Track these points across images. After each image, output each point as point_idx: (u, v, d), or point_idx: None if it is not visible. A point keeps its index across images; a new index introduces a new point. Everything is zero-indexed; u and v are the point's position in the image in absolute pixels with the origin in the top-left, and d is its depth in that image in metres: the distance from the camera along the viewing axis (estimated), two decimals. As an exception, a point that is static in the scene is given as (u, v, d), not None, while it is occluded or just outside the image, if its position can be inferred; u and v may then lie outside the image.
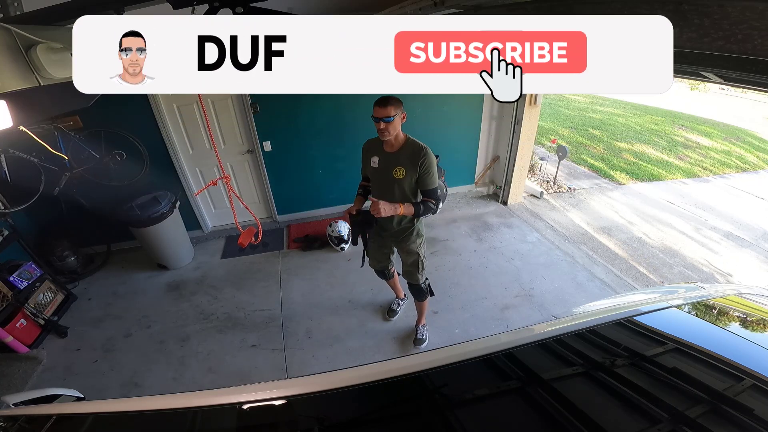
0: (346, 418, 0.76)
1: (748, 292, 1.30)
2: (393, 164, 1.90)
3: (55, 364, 2.61)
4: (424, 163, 1.86)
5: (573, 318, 1.12)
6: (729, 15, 0.44)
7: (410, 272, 2.27)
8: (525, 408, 0.77)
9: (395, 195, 1.94)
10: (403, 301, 2.85)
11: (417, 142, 1.89)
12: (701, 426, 0.68)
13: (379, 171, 1.96)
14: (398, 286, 2.75)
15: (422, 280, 2.29)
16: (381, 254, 2.32)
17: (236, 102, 3.57)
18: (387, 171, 1.92)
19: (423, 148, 1.87)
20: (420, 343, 2.57)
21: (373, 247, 2.29)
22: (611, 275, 3.28)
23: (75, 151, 3.16)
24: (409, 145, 1.89)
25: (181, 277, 3.51)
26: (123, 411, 0.88)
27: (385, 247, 2.29)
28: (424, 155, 1.85)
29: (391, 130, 1.78)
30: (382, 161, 1.93)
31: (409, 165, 1.86)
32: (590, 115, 10.59)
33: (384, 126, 1.76)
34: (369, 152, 2.00)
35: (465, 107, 4.13)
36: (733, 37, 0.45)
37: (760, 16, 0.41)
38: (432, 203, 1.94)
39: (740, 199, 5.14)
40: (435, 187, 1.92)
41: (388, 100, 1.75)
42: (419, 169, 1.86)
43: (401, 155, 1.88)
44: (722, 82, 1.16)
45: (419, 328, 2.61)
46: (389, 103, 1.74)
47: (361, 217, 2.01)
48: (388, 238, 2.19)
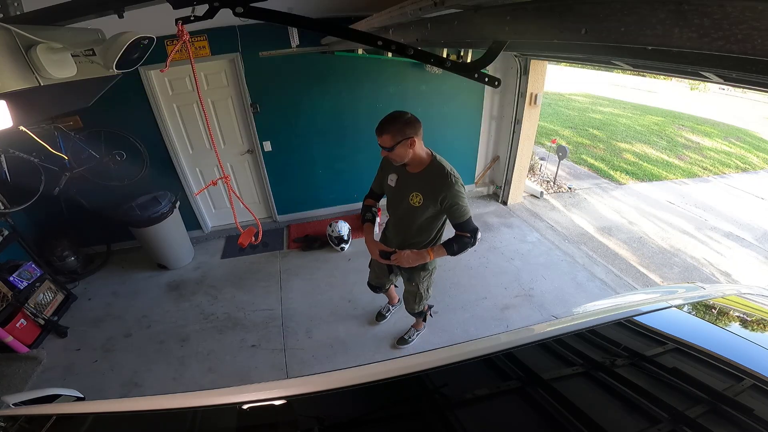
0: (346, 418, 0.76)
1: (748, 292, 1.30)
2: (410, 188, 1.63)
3: (55, 364, 2.61)
4: (449, 196, 1.55)
5: (573, 318, 1.12)
6: (729, 15, 0.44)
7: (407, 299, 2.13)
8: (525, 408, 0.77)
9: (413, 223, 1.69)
10: (394, 307, 2.78)
11: (442, 166, 1.59)
12: (701, 426, 0.68)
13: (395, 192, 1.70)
14: (393, 294, 2.67)
15: (418, 309, 2.15)
16: (383, 272, 2.12)
17: (236, 102, 3.57)
18: (403, 195, 1.66)
19: (448, 174, 1.56)
20: (403, 343, 2.54)
21: (375, 263, 2.08)
22: (611, 275, 3.27)
23: (75, 151, 3.17)
24: (432, 169, 1.59)
25: (181, 277, 3.51)
26: (123, 411, 0.88)
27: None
28: (448, 186, 1.54)
29: (397, 158, 1.53)
30: (401, 181, 1.67)
31: (429, 193, 1.59)
32: (591, 115, 10.58)
33: (385, 154, 1.53)
34: (388, 166, 1.72)
35: (465, 107, 4.13)
36: (733, 37, 0.44)
37: (760, 16, 0.41)
38: (468, 237, 1.62)
39: (740, 199, 5.14)
40: (467, 218, 1.61)
41: (383, 127, 1.48)
42: (442, 202, 1.58)
43: (421, 179, 1.61)
44: (722, 82, 1.16)
45: (411, 330, 2.59)
46: (384, 130, 1.47)
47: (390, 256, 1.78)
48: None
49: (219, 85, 3.45)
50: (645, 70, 1.75)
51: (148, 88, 3.22)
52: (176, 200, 3.47)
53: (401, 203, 1.69)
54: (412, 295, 2.06)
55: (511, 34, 0.90)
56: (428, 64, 1.59)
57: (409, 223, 1.72)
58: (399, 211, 1.73)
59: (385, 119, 1.50)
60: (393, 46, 0.94)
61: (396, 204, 1.74)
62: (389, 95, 3.78)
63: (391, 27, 1.66)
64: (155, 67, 3.11)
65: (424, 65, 3.60)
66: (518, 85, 3.87)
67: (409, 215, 1.69)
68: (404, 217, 1.72)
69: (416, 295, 2.04)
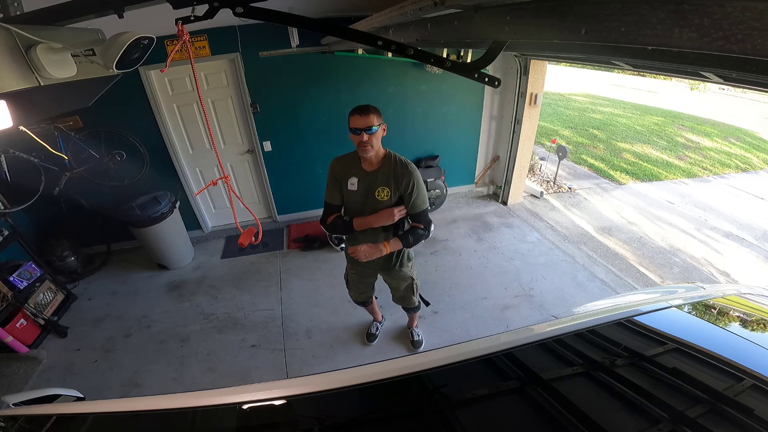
0: (346, 418, 0.76)
1: (748, 292, 1.30)
2: (374, 184, 1.64)
3: (55, 364, 2.61)
4: (411, 183, 1.60)
5: (573, 318, 1.12)
6: (729, 15, 0.44)
7: (405, 297, 2.11)
8: (525, 408, 0.77)
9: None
10: (381, 323, 2.70)
11: (399, 157, 1.65)
12: (701, 426, 0.68)
13: (358, 194, 1.68)
14: (377, 310, 2.59)
15: (416, 301, 2.17)
16: (365, 285, 2.13)
17: (236, 102, 3.57)
18: (368, 193, 1.65)
19: (407, 164, 1.63)
20: (419, 345, 2.56)
21: (354, 279, 2.08)
22: (611, 275, 3.27)
23: (75, 151, 3.17)
24: (390, 161, 1.63)
25: (181, 277, 3.51)
26: (123, 411, 0.88)
27: (369, 277, 2.08)
28: (410, 173, 1.60)
29: (374, 144, 1.54)
30: (362, 182, 1.65)
31: (394, 184, 1.63)
32: (591, 115, 10.59)
33: (367, 138, 1.51)
34: (343, 173, 1.70)
35: (465, 107, 4.13)
36: (733, 37, 0.44)
37: (760, 16, 0.41)
38: (421, 229, 1.68)
39: (740, 199, 5.14)
40: (425, 209, 1.67)
41: (368, 108, 1.51)
42: (404, 190, 1.62)
43: (381, 173, 1.63)
44: (722, 82, 1.16)
45: (413, 331, 2.59)
46: (370, 110, 1.51)
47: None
48: (372, 268, 1.95)
49: (219, 85, 3.45)
50: (645, 70, 1.75)
51: (148, 88, 3.22)
52: (176, 200, 3.47)
53: (366, 205, 1.69)
54: (408, 288, 2.06)
55: (511, 34, 0.90)
56: (428, 64, 1.60)
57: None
58: (363, 213, 1.71)
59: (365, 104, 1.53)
60: (393, 46, 0.94)
61: (359, 208, 1.71)
62: (389, 95, 3.78)
63: (391, 27, 1.66)
64: (155, 67, 3.11)
65: (424, 65, 3.60)
66: (518, 85, 3.87)
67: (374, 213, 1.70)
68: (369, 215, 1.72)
69: (412, 286, 2.06)
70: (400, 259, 1.91)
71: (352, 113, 1.53)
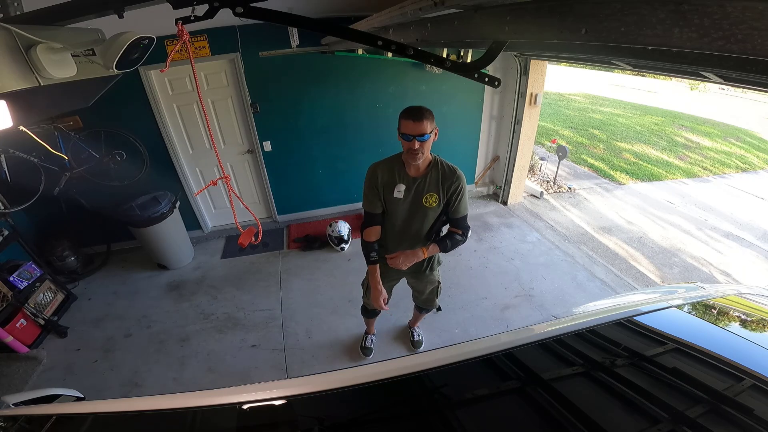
0: (346, 418, 0.76)
1: (748, 292, 1.30)
2: (424, 191, 1.58)
3: (55, 364, 2.61)
4: (459, 188, 1.58)
5: (573, 318, 1.12)
6: (729, 15, 0.44)
7: (429, 300, 2.07)
8: (525, 408, 0.77)
9: (424, 226, 1.67)
10: (375, 336, 2.61)
11: (446, 162, 1.60)
12: (701, 426, 0.68)
13: (404, 202, 1.61)
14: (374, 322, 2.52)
15: (438, 303, 2.14)
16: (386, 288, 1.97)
17: (236, 102, 3.57)
18: (416, 200, 1.60)
19: (455, 169, 1.59)
20: (419, 345, 2.56)
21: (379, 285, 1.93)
22: (611, 275, 3.27)
23: (75, 151, 3.17)
24: (438, 166, 1.59)
25: (181, 277, 3.51)
26: (123, 411, 0.88)
27: (392, 281, 1.98)
28: (458, 178, 1.57)
29: (425, 151, 1.47)
30: (411, 188, 1.59)
31: (443, 189, 1.58)
32: (591, 115, 10.59)
33: (419, 146, 1.43)
34: (388, 180, 1.59)
35: (465, 107, 4.13)
36: (733, 37, 0.44)
37: (760, 16, 0.41)
38: (460, 235, 1.65)
39: (740, 199, 5.14)
40: (465, 215, 1.65)
41: (423, 112, 1.40)
42: (451, 195, 1.59)
43: (433, 177, 1.58)
44: (722, 82, 1.16)
45: (414, 331, 2.59)
46: (424, 115, 1.39)
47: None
48: (401, 273, 1.88)
49: (219, 85, 3.45)
50: (645, 70, 1.75)
51: (148, 88, 3.22)
52: (176, 200, 3.47)
53: (415, 212, 1.63)
54: (433, 291, 2.03)
55: (511, 34, 0.91)
56: (428, 64, 1.59)
57: (419, 228, 1.67)
58: (408, 221, 1.65)
59: (418, 107, 1.42)
60: (393, 46, 0.94)
61: (403, 215, 1.65)
62: (389, 95, 3.78)
63: (391, 27, 1.66)
64: (155, 67, 3.11)
65: (424, 65, 3.60)
66: (518, 85, 3.87)
67: (421, 220, 1.65)
68: (414, 223, 1.66)
69: (437, 289, 2.03)
70: (431, 263, 1.87)
71: (404, 116, 1.42)
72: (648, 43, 0.56)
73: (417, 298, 2.16)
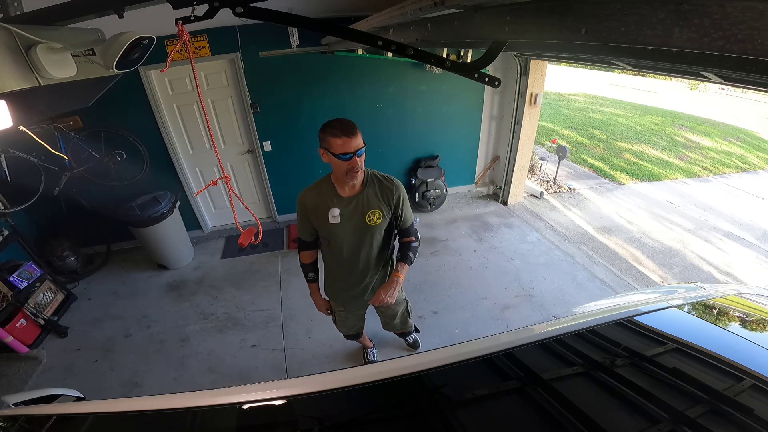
0: (346, 418, 0.76)
1: (748, 292, 1.30)
2: (363, 209, 1.45)
3: (55, 364, 2.61)
4: (402, 197, 1.49)
5: (573, 318, 1.12)
6: (729, 15, 0.44)
7: (403, 322, 1.97)
8: (525, 408, 0.77)
9: (372, 247, 1.53)
10: (375, 348, 2.53)
11: (380, 173, 1.50)
12: (701, 426, 0.68)
13: (345, 226, 1.47)
14: (367, 339, 2.45)
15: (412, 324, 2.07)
16: (355, 318, 1.94)
17: (236, 102, 3.57)
18: (358, 221, 1.47)
19: (391, 179, 1.50)
20: (417, 346, 2.54)
21: (343, 316, 1.88)
22: (611, 275, 3.27)
23: (75, 151, 3.17)
24: (374, 180, 1.47)
25: (181, 277, 3.51)
26: (123, 411, 0.88)
27: (361, 308, 1.89)
28: (397, 187, 1.48)
29: (359, 165, 1.34)
30: (346, 210, 1.45)
31: (385, 203, 1.47)
32: (591, 115, 10.58)
33: (359, 162, 1.32)
34: (320, 206, 1.47)
35: (465, 107, 4.13)
36: (733, 37, 0.44)
37: (760, 16, 0.41)
38: (414, 242, 1.58)
39: (740, 199, 5.14)
40: (413, 221, 1.59)
41: (353, 125, 1.29)
42: (396, 207, 1.48)
43: (368, 195, 1.45)
44: (722, 82, 1.16)
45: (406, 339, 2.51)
46: (356, 128, 1.29)
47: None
48: (363, 301, 1.77)
49: (219, 85, 3.45)
50: (645, 70, 1.75)
51: (148, 88, 3.22)
52: (176, 200, 3.47)
53: (361, 235, 1.50)
54: (403, 312, 1.95)
55: (511, 34, 0.90)
56: (428, 64, 1.58)
57: (368, 251, 1.55)
58: (356, 245, 1.53)
59: (343, 121, 1.30)
60: (393, 46, 0.94)
61: (348, 239, 1.51)
62: (389, 95, 3.78)
63: (391, 27, 1.66)
64: (155, 67, 3.11)
65: (424, 65, 3.60)
66: (518, 85, 3.87)
67: (369, 242, 1.53)
68: (363, 247, 1.53)
69: (407, 309, 1.96)
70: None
71: (333, 134, 1.26)
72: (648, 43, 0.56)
73: (389, 325, 2.02)
